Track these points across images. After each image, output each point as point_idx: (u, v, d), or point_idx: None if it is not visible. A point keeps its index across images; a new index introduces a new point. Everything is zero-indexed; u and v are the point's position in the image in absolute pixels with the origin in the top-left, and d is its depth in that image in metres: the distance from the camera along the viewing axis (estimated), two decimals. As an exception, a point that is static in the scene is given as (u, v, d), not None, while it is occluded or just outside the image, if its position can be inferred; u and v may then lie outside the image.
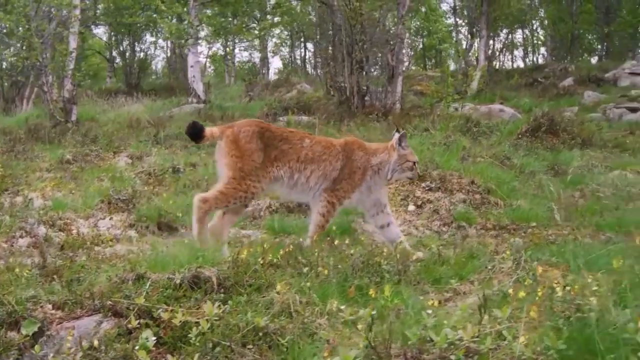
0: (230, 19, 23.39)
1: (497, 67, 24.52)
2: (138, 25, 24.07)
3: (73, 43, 12.79)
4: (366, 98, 15.47)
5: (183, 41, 16.75)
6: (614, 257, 4.15)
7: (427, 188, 7.43)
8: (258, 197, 5.62)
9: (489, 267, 4.53)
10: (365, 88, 15.41)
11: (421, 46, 38.64)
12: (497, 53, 25.28)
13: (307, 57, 35.45)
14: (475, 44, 21.16)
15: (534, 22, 33.13)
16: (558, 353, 2.72)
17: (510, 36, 33.76)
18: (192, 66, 18.78)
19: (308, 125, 12.10)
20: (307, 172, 5.46)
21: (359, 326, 3.11)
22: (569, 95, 19.74)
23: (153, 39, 30.88)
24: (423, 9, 31.75)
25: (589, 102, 18.88)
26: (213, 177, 7.95)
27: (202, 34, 18.19)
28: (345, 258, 4.48)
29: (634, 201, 8.07)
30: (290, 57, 36.20)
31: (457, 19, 31.15)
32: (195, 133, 5.38)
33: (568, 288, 3.33)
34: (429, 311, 3.38)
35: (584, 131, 11.65)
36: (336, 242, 4.84)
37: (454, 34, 31.82)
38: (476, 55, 20.86)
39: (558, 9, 28.76)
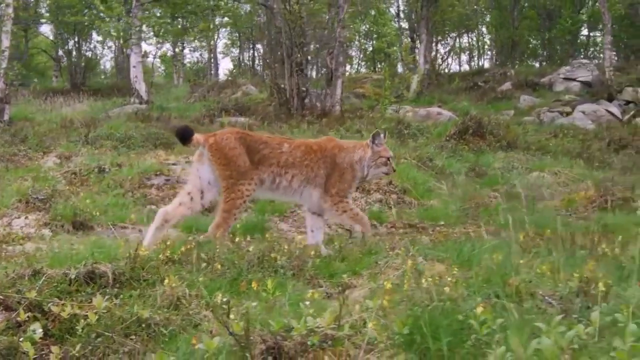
0: (179, 19, 23.40)
1: (440, 70, 25.02)
2: (85, 24, 23.81)
3: (5, 42, 12.63)
4: (306, 100, 15.70)
5: (122, 41, 16.65)
6: (495, 252, 4.47)
7: (345, 188, 7.65)
8: (251, 198, 5.80)
9: (380, 263, 4.77)
10: (304, 90, 15.63)
11: (371, 49, 39.17)
12: (440, 57, 25.79)
13: (256, 58, 35.54)
14: (417, 48, 21.55)
15: (481, 27, 33.98)
16: (404, 337, 2.96)
17: (457, 40, 34.57)
18: (134, 66, 18.69)
19: (243, 126, 12.25)
20: (288, 176, 5.70)
21: (231, 316, 3.30)
22: (506, 99, 20.37)
23: (100, 38, 30.62)
24: (372, 12, 32.30)
25: (524, 106, 19.54)
26: (137, 177, 8.09)
27: (145, 34, 18.12)
28: (244, 254, 4.67)
29: (544, 201, 8.48)
30: (239, 58, 36.24)
31: (401, 23, 31.65)
32: (185, 136, 5.65)
33: (430, 279, 3.59)
34: (307, 302, 3.63)
35: (509, 134, 12.10)
36: (237, 239, 5.02)
37: (402, 38, 32.29)
38: (416, 58, 21.24)
39: (500, 15, 29.50)
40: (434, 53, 25.88)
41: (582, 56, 31.98)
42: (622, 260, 4.53)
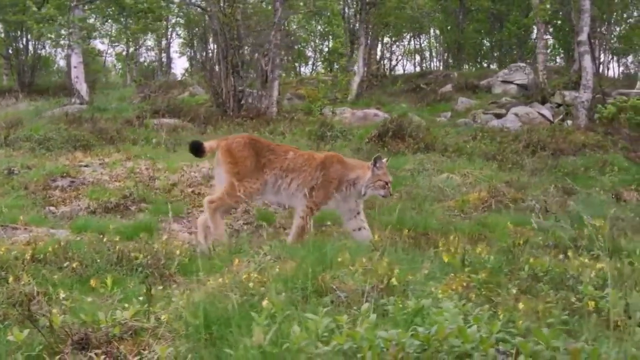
0: (131, 21, 23.30)
1: (385, 72, 25.45)
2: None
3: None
4: (242, 101, 15.93)
5: (52, 42, 16.68)
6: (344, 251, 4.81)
7: (244, 189, 7.95)
8: (254, 198, 6.41)
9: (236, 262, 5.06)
10: (240, 91, 15.86)
11: (327, 49, 39.51)
12: (382, 59, 26.20)
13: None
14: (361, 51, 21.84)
15: (434, 29, 34.52)
16: (195, 327, 3.26)
17: (410, 42, 35.12)
18: (75, 67, 18.73)
19: (171, 128, 12.48)
20: (288, 180, 6.25)
21: (54, 310, 3.58)
22: (445, 101, 20.82)
23: (52, 36, 30.28)
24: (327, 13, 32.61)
25: (461, 108, 20.00)
26: (43, 179, 8.28)
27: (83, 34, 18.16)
28: (104, 253, 4.94)
29: (443, 202, 8.88)
30: (190, 58, 36.25)
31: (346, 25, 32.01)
32: (197, 149, 6.28)
33: (247, 276, 3.92)
34: (140, 298, 3.92)
35: (428, 136, 12.48)
36: (105, 239, 5.28)
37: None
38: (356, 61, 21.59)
39: (446, 18, 30.08)
40: (379, 55, 26.35)
41: (532, 58, 32.72)
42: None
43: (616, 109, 10.86)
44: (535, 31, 34.81)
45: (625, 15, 33.23)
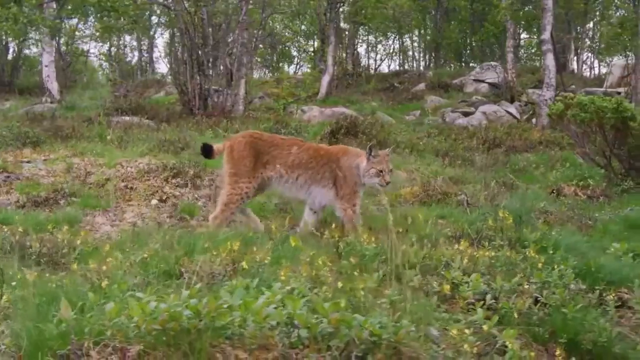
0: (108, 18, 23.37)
1: (360, 71, 25.64)
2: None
3: None
4: (208, 100, 16.09)
5: (18, 41, 16.84)
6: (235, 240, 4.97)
7: (176, 184, 8.13)
8: (252, 195, 6.58)
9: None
10: (206, 90, 16.02)
11: (312, 49, 39.69)
12: (355, 58, 26.36)
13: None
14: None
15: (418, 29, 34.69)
16: (37, 308, 3.43)
17: (393, 42, 35.33)
18: (46, 66, 18.91)
19: (127, 125, 12.65)
20: (294, 175, 6.43)
21: None
22: (416, 100, 21.01)
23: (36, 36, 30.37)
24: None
25: (431, 107, 20.20)
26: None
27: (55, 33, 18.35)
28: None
29: (377, 195, 9.03)
30: (170, 57, 36.33)
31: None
32: (207, 152, 6.59)
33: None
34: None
35: (382, 133, 12.64)
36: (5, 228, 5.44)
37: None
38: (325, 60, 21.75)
39: (424, 19, 30.26)
40: (354, 54, 26.50)
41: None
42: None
43: (564, 106, 10.98)
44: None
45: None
